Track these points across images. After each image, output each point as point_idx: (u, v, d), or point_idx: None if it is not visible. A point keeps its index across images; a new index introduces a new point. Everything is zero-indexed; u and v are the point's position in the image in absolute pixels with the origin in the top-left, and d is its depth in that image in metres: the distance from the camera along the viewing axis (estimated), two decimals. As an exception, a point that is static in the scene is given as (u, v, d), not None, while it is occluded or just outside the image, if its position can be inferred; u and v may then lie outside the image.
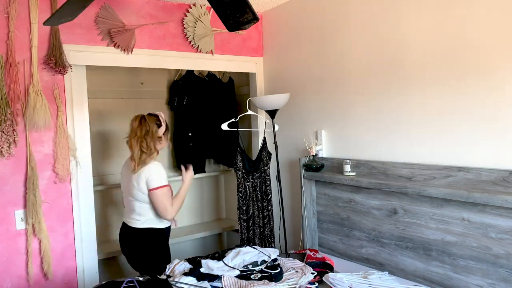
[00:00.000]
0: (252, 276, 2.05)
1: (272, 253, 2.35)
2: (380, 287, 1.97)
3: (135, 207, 2.43)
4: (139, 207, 2.42)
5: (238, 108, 3.74)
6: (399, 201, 2.29)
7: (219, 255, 2.38)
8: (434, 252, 2.14)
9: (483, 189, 1.91)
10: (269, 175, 3.04)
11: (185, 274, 2.09)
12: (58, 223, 2.53)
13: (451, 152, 2.10)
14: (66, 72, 2.49)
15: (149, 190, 2.36)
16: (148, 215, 2.43)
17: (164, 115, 2.53)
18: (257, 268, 2.16)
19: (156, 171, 2.38)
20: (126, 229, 2.50)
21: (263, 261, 2.24)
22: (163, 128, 2.47)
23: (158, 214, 2.41)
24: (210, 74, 3.83)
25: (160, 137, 2.45)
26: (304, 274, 2.09)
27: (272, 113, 2.89)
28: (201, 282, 2.02)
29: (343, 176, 2.53)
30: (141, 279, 2.02)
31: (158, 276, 2.09)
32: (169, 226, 2.58)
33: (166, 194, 2.38)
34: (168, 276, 2.10)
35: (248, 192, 2.96)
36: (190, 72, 3.72)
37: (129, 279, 1.95)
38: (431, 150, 2.19)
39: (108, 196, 3.56)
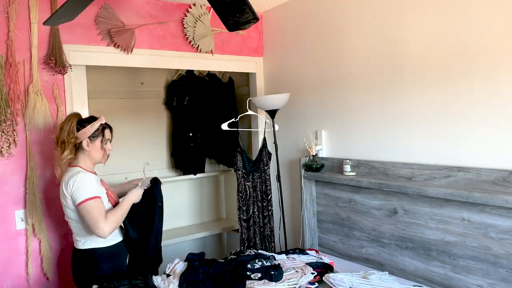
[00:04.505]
0: (252, 276, 2.05)
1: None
2: (380, 287, 1.97)
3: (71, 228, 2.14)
4: (74, 227, 2.12)
5: (238, 108, 3.74)
6: (399, 201, 2.29)
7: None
8: (434, 252, 2.14)
9: (483, 189, 1.91)
10: (269, 175, 3.04)
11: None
12: (58, 223, 2.53)
13: (451, 152, 2.10)
14: (66, 72, 2.49)
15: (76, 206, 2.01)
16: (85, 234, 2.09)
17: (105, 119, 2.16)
18: (256, 265, 2.14)
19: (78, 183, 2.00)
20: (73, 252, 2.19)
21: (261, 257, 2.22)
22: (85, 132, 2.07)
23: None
24: (210, 74, 3.83)
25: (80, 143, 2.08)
26: (304, 274, 2.09)
27: (272, 113, 2.89)
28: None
29: (343, 176, 2.53)
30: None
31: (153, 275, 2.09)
32: (122, 241, 2.20)
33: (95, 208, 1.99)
34: (168, 275, 2.11)
35: (248, 192, 2.96)
36: (190, 72, 3.72)
37: None
38: (431, 150, 2.19)
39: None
